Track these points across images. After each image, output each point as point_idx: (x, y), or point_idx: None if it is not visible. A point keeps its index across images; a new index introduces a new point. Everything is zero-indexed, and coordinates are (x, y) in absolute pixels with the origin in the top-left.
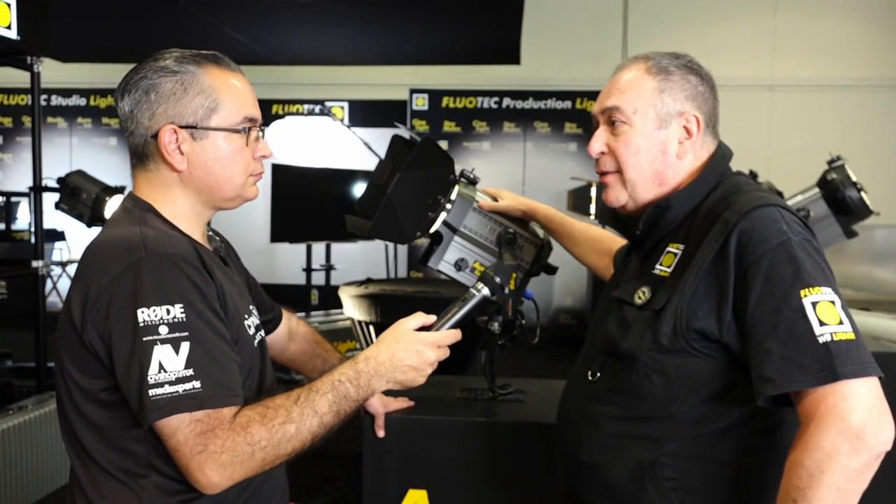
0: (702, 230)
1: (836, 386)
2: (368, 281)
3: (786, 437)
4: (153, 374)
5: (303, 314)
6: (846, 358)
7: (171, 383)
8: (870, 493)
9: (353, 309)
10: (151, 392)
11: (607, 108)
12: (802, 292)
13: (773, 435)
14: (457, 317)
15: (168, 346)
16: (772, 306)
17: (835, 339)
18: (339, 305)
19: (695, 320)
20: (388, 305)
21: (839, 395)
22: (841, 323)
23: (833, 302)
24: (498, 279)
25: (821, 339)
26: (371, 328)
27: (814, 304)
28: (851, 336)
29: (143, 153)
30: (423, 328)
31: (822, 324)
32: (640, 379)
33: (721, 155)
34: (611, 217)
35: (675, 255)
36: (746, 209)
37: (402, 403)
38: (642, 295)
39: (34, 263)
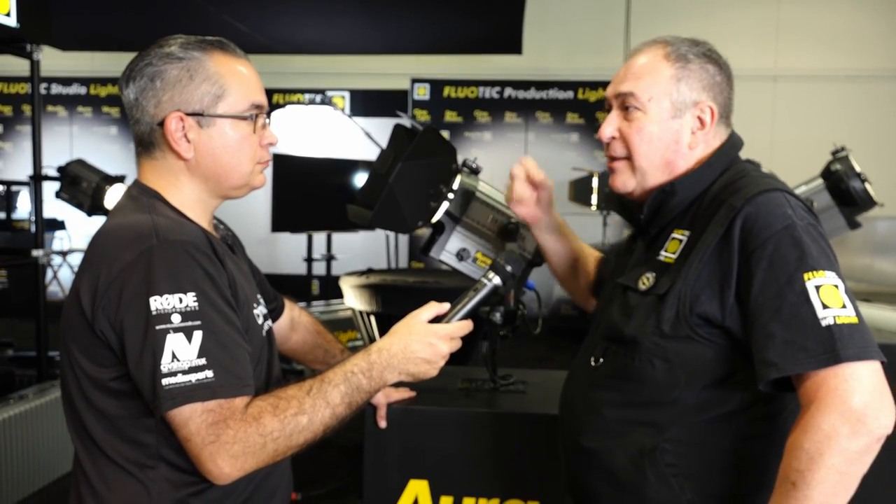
0: (707, 215)
1: (838, 368)
2: (369, 271)
3: (787, 424)
4: (166, 364)
5: (304, 304)
6: (849, 341)
7: (183, 372)
8: (869, 478)
9: (354, 299)
10: (164, 381)
11: (621, 93)
12: (806, 276)
13: (774, 422)
14: (468, 307)
15: (181, 335)
16: (775, 290)
17: (837, 322)
18: (339, 295)
19: (697, 305)
20: (389, 295)
21: (840, 378)
22: (844, 307)
23: (836, 286)
24: (509, 268)
25: (823, 323)
26: (372, 318)
27: (817, 288)
28: (854, 320)
29: (148, 141)
30: (436, 318)
31: (825, 307)
32: (641, 364)
33: (731, 143)
34: (616, 203)
35: (681, 241)
36: (751, 193)
37: (404, 394)
38: (646, 280)
39: (34, 253)
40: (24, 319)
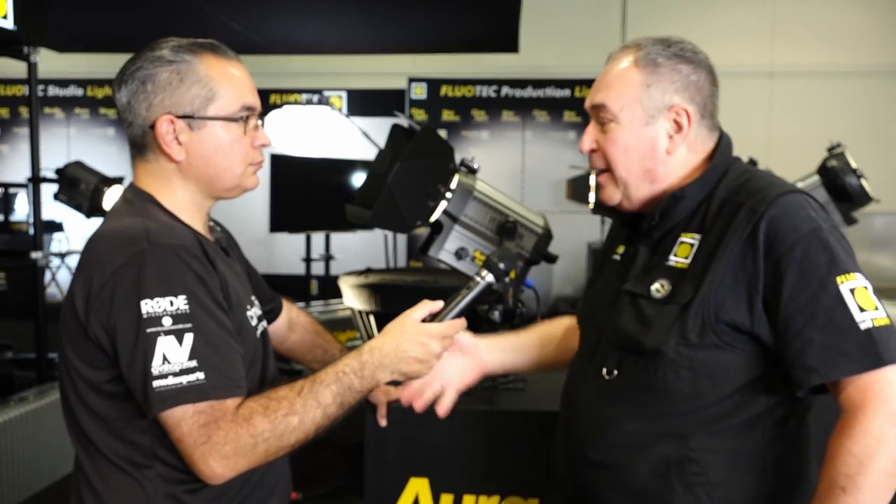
0: (722, 219)
1: (881, 372)
2: (368, 270)
3: (810, 425)
4: (157, 366)
5: (302, 304)
6: (888, 343)
7: (174, 374)
8: None
9: (352, 298)
10: (155, 383)
11: (595, 105)
12: (839, 279)
13: (798, 423)
14: (461, 305)
15: (172, 338)
16: (808, 295)
17: (875, 325)
18: (338, 295)
19: (723, 312)
20: (387, 295)
21: (884, 381)
22: (877, 309)
23: (867, 288)
24: (502, 265)
25: (862, 326)
26: (371, 318)
27: (851, 291)
28: (888, 321)
29: (141, 144)
30: (430, 316)
31: (861, 310)
32: (665, 375)
33: (726, 142)
34: (608, 208)
35: (692, 245)
36: (772, 196)
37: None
38: (661, 288)
39: (33, 255)
40: (22, 321)
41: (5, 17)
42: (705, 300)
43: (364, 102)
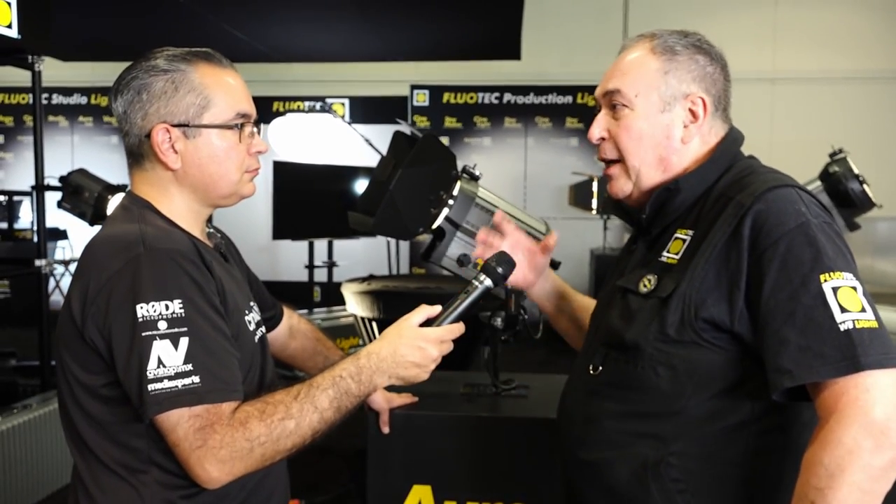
0: (713, 213)
1: (859, 377)
2: (371, 277)
3: (801, 437)
4: (152, 369)
5: (305, 311)
6: (869, 347)
7: (170, 378)
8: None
9: (355, 305)
10: (150, 387)
11: (609, 91)
12: (822, 277)
13: (788, 434)
14: (459, 309)
15: (167, 342)
16: (789, 293)
17: (857, 326)
18: (341, 302)
19: (704, 309)
20: (390, 302)
21: (862, 388)
22: (863, 310)
23: (855, 288)
24: (500, 269)
25: (842, 327)
26: (374, 324)
27: (834, 290)
28: (874, 324)
29: (138, 153)
30: (428, 320)
31: (843, 310)
32: (644, 372)
33: (733, 138)
34: (613, 206)
35: (684, 241)
36: (761, 190)
37: (406, 399)
38: (648, 283)
39: (37, 262)
40: (26, 329)
41: (9, 25)
42: (685, 295)
43: (366, 110)
